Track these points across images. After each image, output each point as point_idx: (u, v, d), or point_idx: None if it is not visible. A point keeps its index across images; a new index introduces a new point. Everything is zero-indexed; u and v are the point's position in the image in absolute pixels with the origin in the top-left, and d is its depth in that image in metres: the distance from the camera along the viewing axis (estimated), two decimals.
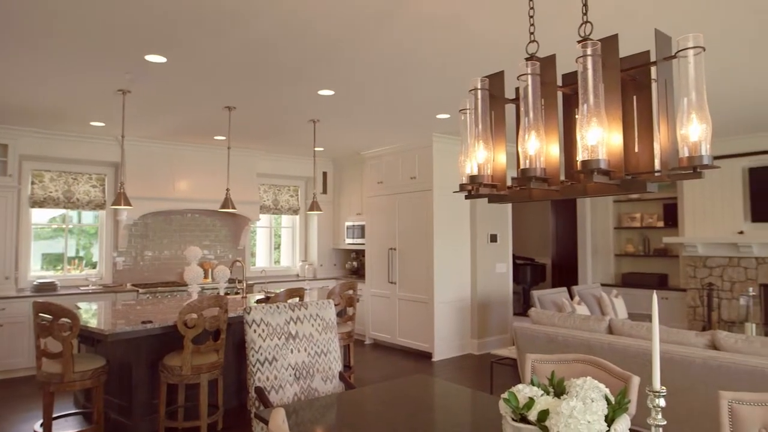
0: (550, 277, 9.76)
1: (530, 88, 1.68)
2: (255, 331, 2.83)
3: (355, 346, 7.13)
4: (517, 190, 1.81)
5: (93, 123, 5.83)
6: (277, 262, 8.73)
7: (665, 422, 1.46)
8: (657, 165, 1.55)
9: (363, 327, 7.63)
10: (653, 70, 1.57)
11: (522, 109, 1.69)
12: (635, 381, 2.06)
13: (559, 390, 1.57)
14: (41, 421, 3.76)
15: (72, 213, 6.75)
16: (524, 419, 1.48)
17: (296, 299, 4.62)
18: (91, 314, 4.26)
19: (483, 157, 1.81)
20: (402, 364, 6.37)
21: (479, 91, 1.84)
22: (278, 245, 8.80)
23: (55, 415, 4.14)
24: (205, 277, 7.12)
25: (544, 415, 1.42)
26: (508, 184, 1.86)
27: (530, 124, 1.66)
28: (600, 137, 1.49)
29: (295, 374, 2.87)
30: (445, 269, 6.67)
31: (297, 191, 8.80)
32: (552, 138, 1.69)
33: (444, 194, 6.70)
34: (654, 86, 1.57)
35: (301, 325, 3.00)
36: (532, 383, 1.59)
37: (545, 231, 9.97)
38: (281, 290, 4.69)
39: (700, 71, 1.43)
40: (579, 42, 1.55)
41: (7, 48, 3.57)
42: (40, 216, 6.57)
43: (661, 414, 1.46)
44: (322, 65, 3.95)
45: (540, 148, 1.66)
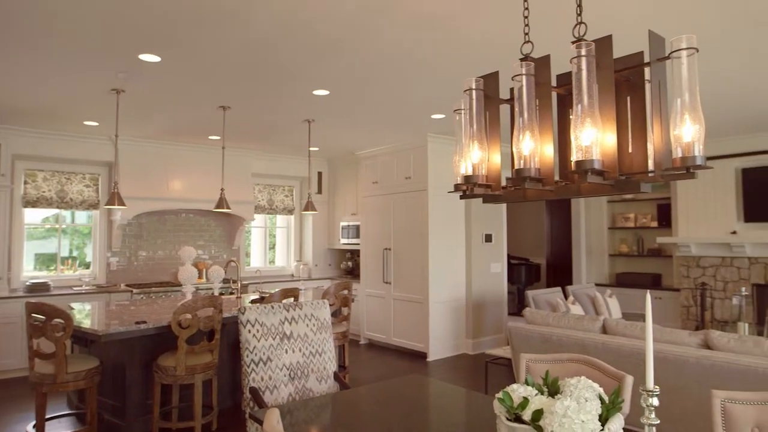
0: (545, 277, 9.79)
1: (525, 89, 1.68)
2: (249, 331, 2.82)
3: (349, 346, 7.12)
4: (512, 190, 1.81)
5: (86, 122, 5.80)
6: (272, 262, 8.71)
7: (659, 421, 1.47)
8: (650, 165, 1.56)
9: (358, 327, 7.63)
10: (647, 71, 1.57)
11: (516, 109, 1.69)
12: (629, 380, 2.07)
13: (553, 389, 1.57)
14: (34, 422, 3.74)
15: (65, 213, 6.71)
16: (519, 419, 1.48)
17: (291, 299, 4.61)
18: (84, 314, 4.24)
19: (478, 157, 1.82)
20: (397, 364, 6.38)
21: (474, 92, 1.85)
22: (273, 245, 8.78)
23: (48, 416, 4.11)
24: (200, 277, 7.10)
25: (538, 414, 1.43)
26: (502, 184, 1.86)
27: (525, 125, 1.67)
28: (594, 138, 1.50)
29: (289, 374, 2.86)
30: (439, 269, 6.68)
31: (292, 191, 8.78)
32: (546, 138, 1.70)
33: (439, 194, 6.71)
34: (648, 87, 1.58)
35: (296, 325, 3.00)
36: (526, 383, 1.60)
37: (540, 231, 10.00)
38: (276, 290, 4.68)
39: (693, 72, 1.44)
40: (573, 43, 1.56)
41: (0, 47, 3.55)
42: (33, 216, 6.53)
43: (654, 413, 1.46)
44: (317, 65, 3.95)
45: (534, 148, 1.66)
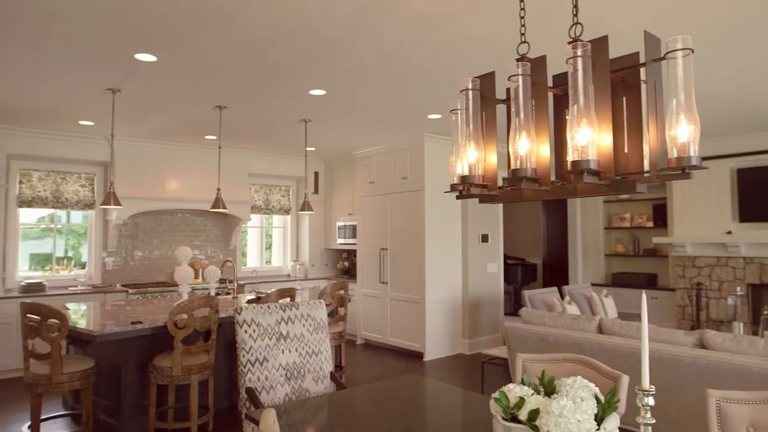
0: (541, 276, 9.80)
1: (521, 89, 1.68)
2: (246, 331, 2.82)
3: (346, 346, 7.12)
4: (508, 190, 1.81)
5: (82, 122, 5.78)
6: (269, 262, 8.70)
7: (654, 421, 1.47)
8: (646, 165, 1.56)
9: (354, 327, 7.63)
10: (643, 71, 1.58)
11: (513, 109, 1.69)
12: (625, 380, 2.08)
13: (549, 389, 1.57)
14: (29, 423, 3.72)
15: (61, 213, 6.69)
16: (515, 419, 1.48)
17: (287, 299, 4.61)
18: (79, 315, 4.22)
19: (474, 158, 1.82)
20: (393, 364, 6.37)
21: (470, 92, 1.85)
22: (269, 245, 8.77)
23: (43, 417, 4.09)
24: (196, 277, 7.08)
25: (534, 414, 1.43)
26: (499, 184, 1.86)
27: (521, 125, 1.67)
28: (590, 138, 1.50)
29: (286, 374, 2.86)
30: (436, 269, 6.68)
31: (288, 191, 8.77)
32: (542, 138, 1.70)
33: (435, 194, 6.71)
34: (643, 87, 1.58)
35: (292, 325, 3.00)
36: (522, 383, 1.60)
37: (536, 231, 10.02)
38: (272, 290, 4.68)
39: (688, 73, 1.44)
40: (569, 43, 1.56)
41: None
42: (28, 216, 6.50)
43: (650, 413, 1.47)
44: (314, 65, 3.95)
45: (530, 148, 1.66)
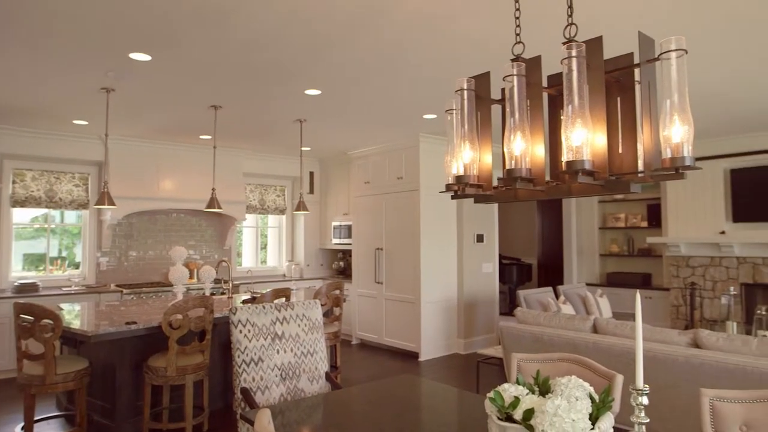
0: (536, 276, 9.83)
1: (516, 89, 1.69)
2: (241, 331, 2.81)
3: (341, 347, 7.11)
4: (503, 190, 1.82)
5: (76, 121, 5.75)
6: (264, 262, 8.69)
7: (648, 420, 1.48)
8: (640, 166, 1.57)
9: (350, 327, 7.62)
10: (637, 72, 1.58)
11: (508, 109, 1.70)
12: (619, 379, 2.09)
13: (544, 389, 1.58)
14: (22, 424, 3.70)
15: (54, 212, 6.65)
16: (510, 418, 1.48)
17: (282, 299, 4.60)
18: (73, 315, 4.20)
19: (469, 158, 1.82)
20: (388, 364, 6.38)
21: (465, 92, 1.85)
22: (264, 245, 8.75)
23: (36, 418, 4.07)
24: (191, 277, 7.06)
25: (529, 413, 1.43)
26: (494, 184, 1.87)
27: (516, 125, 1.67)
28: (584, 138, 1.51)
29: (281, 375, 2.86)
30: (431, 269, 6.69)
31: (283, 191, 8.76)
32: (537, 139, 1.71)
33: (431, 194, 6.71)
34: (638, 88, 1.59)
35: (288, 325, 2.99)
36: (517, 382, 1.60)
37: (531, 231, 10.04)
38: (267, 290, 4.67)
39: (682, 73, 1.45)
40: (564, 44, 1.56)
41: None
42: (22, 216, 6.47)
43: (644, 412, 1.48)
44: (309, 65, 3.94)
45: (525, 148, 1.67)
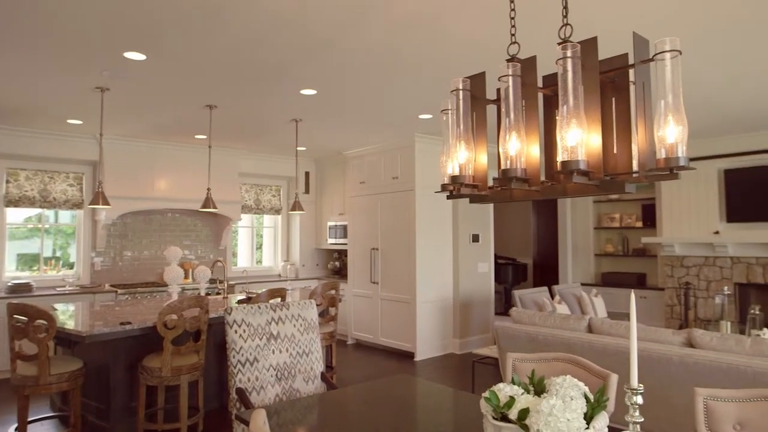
0: (532, 276, 9.85)
1: (511, 90, 1.69)
2: (236, 331, 2.80)
3: (337, 347, 7.10)
4: (498, 190, 1.82)
5: (70, 121, 5.72)
6: (259, 262, 8.67)
7: (642, 419, 1.49)
8: (635, 166, 1.58)
9: (345, 327, 7.62)
10: (631, 72, 1.59)
11: (503, 110, 1.70)
12: (614, 379, 2.09)
13: (539, 388, 1.58)
14: (16, 425, 3.68)
15: (48, 212, 6.62)
16: (505, 418, 1.49)
17: (278, 299, 4.59)
18: (68, 315, 4.18)
19: (464, 158, 1.82)
20: (384, 364, 6.37)
21: (461, 92, 1.85)
22: (260, 245, 8.74)
23: (30, 419, 4.05)
24: (186, 277, 7.04)
25: (524, 413, 1.43)
26: (489, 184, 1.87)
27: (511, 125, 1.67)
28: (579, 138, 1.51)
29: (276, 375, 2.85)
30: (427, 269, 6.69)
31: (279, 191, 8.74)
32: (532, 139, 1.71)
33: (426, 194, 6.72)
34: (632, 88, 1.59)
35: (283, 325, 2.99)
36: (512, 382, 1.61)
37: (526, 231, 10.06)
38: (263, 290, 4.66)
39: (676, 74, 1.45)
40: (559, 44, 1.57)
41: None
42: (15, 215, 6.43)
43: (638, 411, 1.48)
44: (305, 64, 3.94)
45: (521, 148, 1.67)
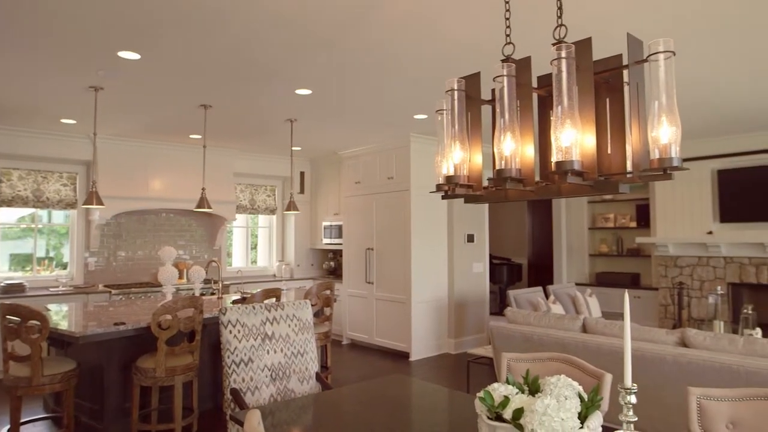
0: (526, 276, 9.87)
1: (506, 90, 1.69)
2: (231, 332, 2.80)
3: (332, 347, 7.09)
4: (493, 190, 1.82)
5: (64, 120, 5.69)
6: (254, 262, 8.65)
7: (636, 418, 1.49)
8: (629, 166, 1.58)
9: (340, 327, 7.61)
10: (625, 73, 1.59)
11: (498, 110, 1.70)
12: (608, 378, 2.10)
13: (533, 388, 1.58)
14: (8, 426, 3.66)
15: (42, 212, 6.58)
16: (499, 417, 1.49)
17: (273, 300, 4.58)
18: (61, 316, 4.16)
19: (459, 158, 1.83)
20: (379, 364, 6.37)
21: (456, 92, 1.85)
22: (255, 245, 8.72)
23: (23, 420, 4.02)
24: (180, 277, 7.01)
25: (518, 413, 1.44)
26: (484, 184, 1.87)
27: (506, 125, 1.68)
28: (574, 139, 1.51)
29: (271, 375, 2.85)
30: (422, 269, 6.69)
31: (274, 191, 8.73)
32: (527, 139, 1.71)
33: (421, 194, 6.72)
34: (626, 89, 1.60)
35: (278, 325, 2.98)
36: (507, 382, 1.61)
37: (521, 231, 10.08)
38: (258, 291, 4.65)
39: (670, 75, 1.46)
40: (554, 45, 1.57)
41: None
42: (8, 215, 6.39)
43: (632, 410, 1.49)
44: (300, 64, 3.93)
45: (515, 149, 1.67)
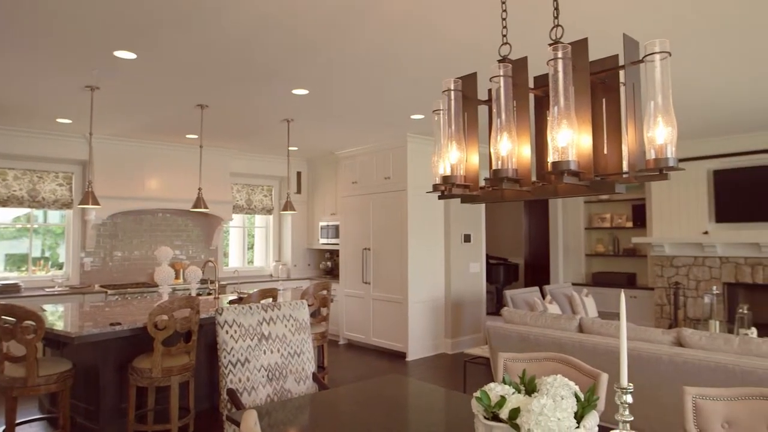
0: (523, 276, 9.89)
1: (502, 90, 1.69)
2: (227, 332, 2.79)
3: (328, 347, 7.10)
4: (490, 190, 1.82)
5: (59, 120, 5.67)
6: (251, 262, 8.64)
7: (632, 418, 1.50)
8: (625, 167, 1.59)
9: (337, 327, 7.61)
10: (622, 73, 1.60)
11: (494, 110, 1.70)
12: (604, 378, 2.11)
13: (530, 388, 1.59)
14: (4, 427, 3.64)
15: (37, 212, 6.56)
16: (496, 417, 1.49)
17: (269, 300, 4.58)
18: (57, 316, 4.15)
19: (456, 158, 1.83)
20: (376, 364, 6.37)
21: (452, 92, 1.85)
22: (251, 245, 8.71)
23: (18, 421, 4.01)
24: (177, 277, 7.00)
25: (515, 413, 1.44)
26: (480, 184, 1.87)
27: (502, 126, 1.68)
28: (570, 139, 1.52)
29: (267, 375, 2.84)
30: (419, 269, 6.70)
31: (271, 191, 8.72)
32: (524, 139, 1.71)
33: (418, 194, 6.72)
34: (622, 90, 1.60)
35: (274, 325, 2.98)
36: (503, 382, 1.61)
37: (518, 231, 10.10)
38: (254, 291, 4.64)
39: (666, 75, 1.46)
40: (550, 45, 1.57)
41: None
42: (4, 215, 6.37)
43: (628, 410, 1.49)
44: (297, 64, 3.93)
45: (512, 149, 1.67)
